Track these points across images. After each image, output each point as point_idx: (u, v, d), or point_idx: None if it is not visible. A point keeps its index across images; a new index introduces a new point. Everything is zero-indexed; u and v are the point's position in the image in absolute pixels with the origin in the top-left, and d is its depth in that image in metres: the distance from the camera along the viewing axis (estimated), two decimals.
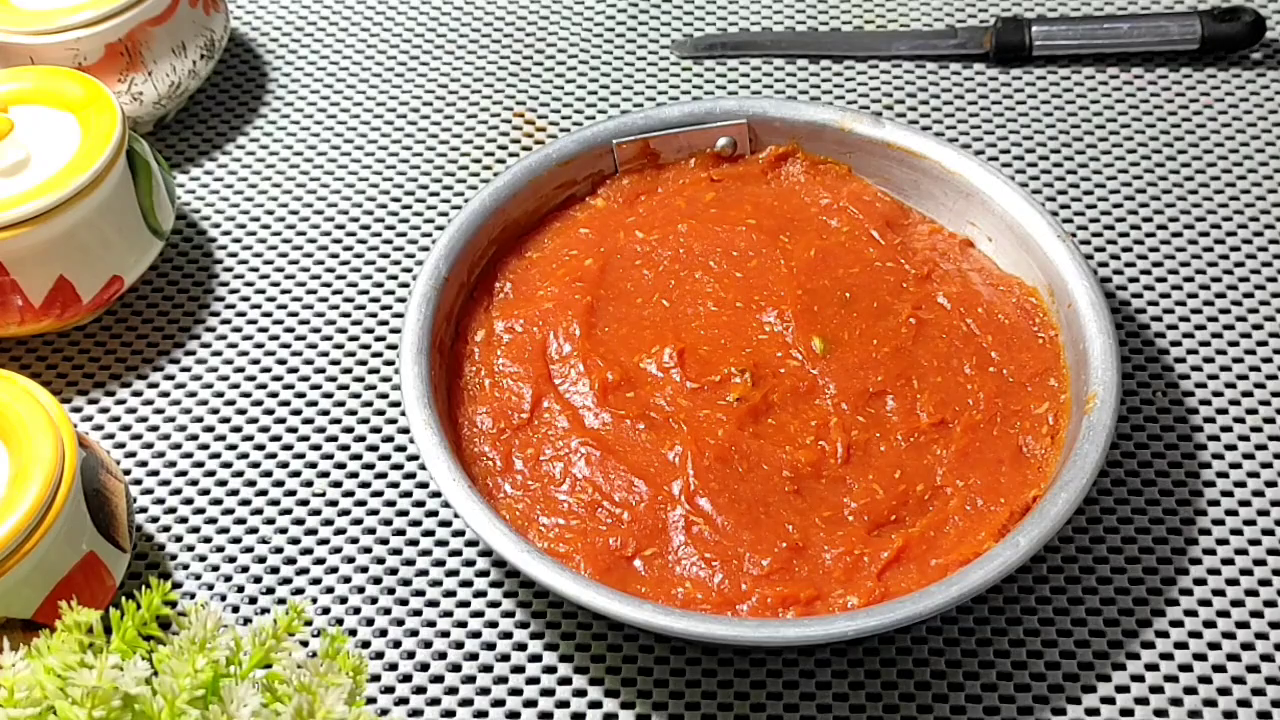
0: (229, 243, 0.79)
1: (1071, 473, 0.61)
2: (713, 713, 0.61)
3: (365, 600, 0.65)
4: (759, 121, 0.74)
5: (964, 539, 0.62)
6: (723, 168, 0.74)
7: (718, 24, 0.89)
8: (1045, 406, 0.66)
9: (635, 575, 0.61)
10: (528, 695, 0.62)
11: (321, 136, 0.84)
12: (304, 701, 0.48)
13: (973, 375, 0.67)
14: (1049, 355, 0.68)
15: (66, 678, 0.47)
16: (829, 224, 0.73)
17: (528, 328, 0.68)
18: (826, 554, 0.62)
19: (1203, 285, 0.75)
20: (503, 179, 0.71)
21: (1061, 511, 0.60)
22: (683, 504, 0.63)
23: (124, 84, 0.78)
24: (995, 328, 0.69)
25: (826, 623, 0.58)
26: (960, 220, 0.73)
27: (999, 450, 0.65)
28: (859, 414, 0.66)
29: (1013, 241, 0.70)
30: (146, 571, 0.66)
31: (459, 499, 0.61)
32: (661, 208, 0.73)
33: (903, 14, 0.89)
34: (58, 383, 0.73)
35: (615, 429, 0.65)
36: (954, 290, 0.70)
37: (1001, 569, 0.59)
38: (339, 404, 0.72)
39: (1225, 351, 0.72)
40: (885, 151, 0.73)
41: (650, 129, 0.73)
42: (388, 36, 0.89)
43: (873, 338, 0.68)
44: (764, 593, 0.60)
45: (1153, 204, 0.79)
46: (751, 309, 0.69)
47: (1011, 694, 0.61)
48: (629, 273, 0.71)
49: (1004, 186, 0.71)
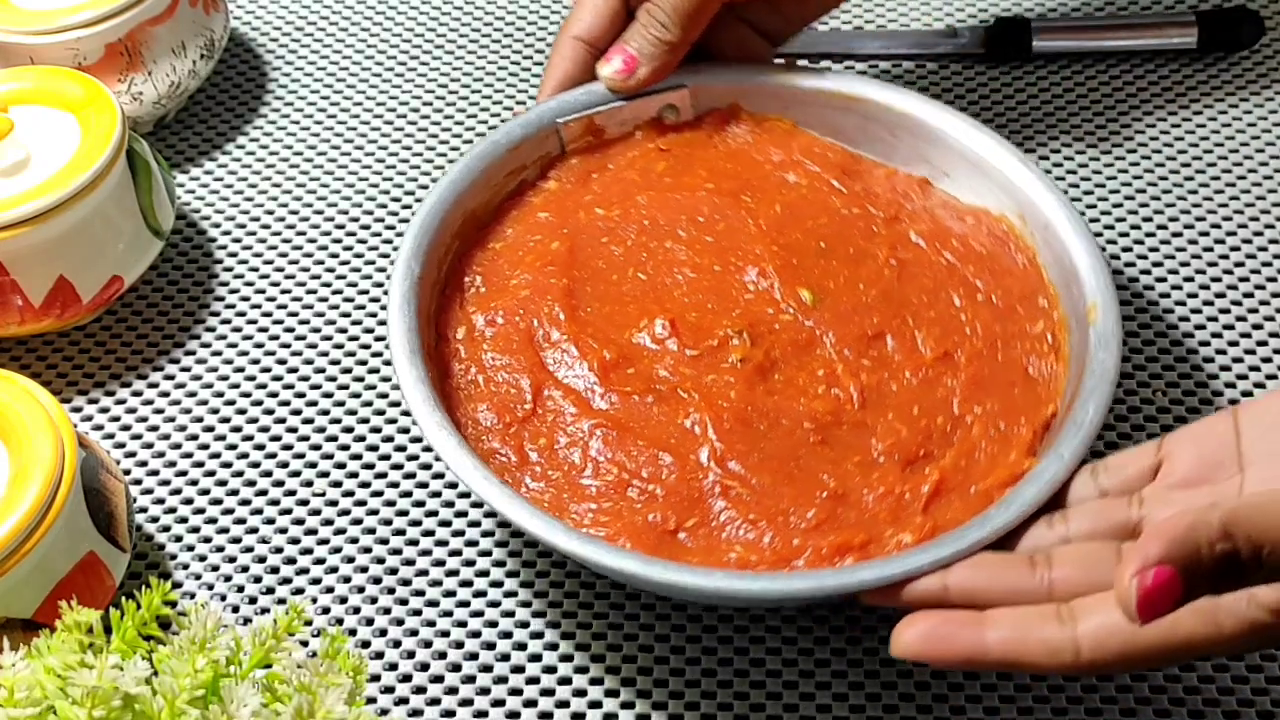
0: (229, 243, 0.79)
1: (1094, 381, 0.62)
2: (713, 713, 0.61)
3: (365, 600, 0.65)
4: (700, 85, 0.73)
5: (996, 462, 0.63)
6: (669, 136, 0.74)
7: None
8: (1040, 325, 0.67)
9: (683, 548, 0.60)
10: (528, 695, 0.62)
11: (321, 136, 0.84)
12: (304, 701, 0.48)
13: (964, 306, 0.68)
14: (1032, 276, 0.68)
15: (66, 678, 0.47)
16: (786, 179, 0.73)
17: (509, 318, 0.67)
18: (867, 497, 0.62)
19: (1203, 285, 0.75)
20: (456, 171, 0.69)
21: (1094, 419, 0.61)
22: (714, 470, 0.62)
23: (124, 84, 0.78)
24: (974, 258, 0.69)
25: (902, 559, 0.57)
26: (915, 160, 0.73)
27: (1007, 373, 0.65)
28: (863, 358, 0.66)
29: (971, 173, 0.71)
30: (146, 571, 0.66)
31: (500, 499, 0.59)
32: (616, 183, 0.72)
33: (903, 14, 0.89)
34: (58, 383, 0.73)
35: (625, 406, 0.64)
36: (924, 228, 0.71)
37: (1052, 482, 0.59)
38: (339, 404, 0.72)
39: (1225, 351, 0.72)
40: (828, 101, 0.73)
41: (594, 104, 0.72)
42: (388, 36, 0.89)
43: (858, 283, 0.68)
44: (816, 544, 0.60)
45: (1153, 204, 0.79)
46: (731, 270, 0.69)
47: (1011, 694, 0.61)
48: (598, 250, 0.70)
49: (956, 120, 0.71)
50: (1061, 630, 0.53)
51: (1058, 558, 0.56)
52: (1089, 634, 0.52)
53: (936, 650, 0.54)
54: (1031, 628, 0.53)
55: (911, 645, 0.54)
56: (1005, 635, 0.53)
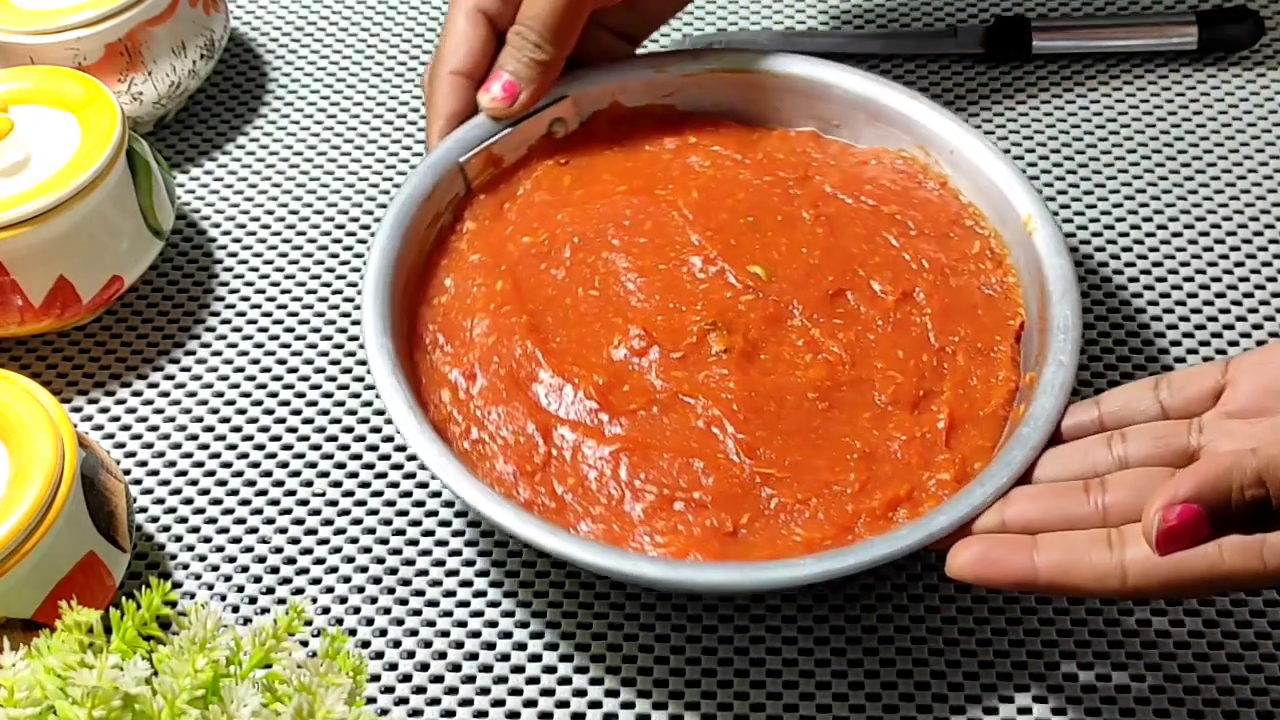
0: (229, 243, 0.79)
1: (1058, 287, 0.65)
2: (712, 713, 0.61)
3: (365, 600, 0.65)
4: (579, 93, 0.74)
5: (990, 384, 0.65)
6: (564, 150, 0.74)
7: (718, 23, 0.89)
8: (977, 245, 0.69)
9: (748, 544, 0.61)
10: (528, 695, 0.62)
11: (321, 136, 0.84)
12: (304, 701, 0.48)
13: (902, 244, 0.69)
14: (950, 201, 0.71)
15: (66, 678, 0.47)
16: (689, 163, 0.73)
17: (485, 370, 0.65)
18: (893, 447, 0.63)
19: (1203, 285, 0.75)
20: (384, 237, 0.67)
21: (1075, 321, 0.63)
22: (746, 462, 0.62)
23: (124, 84, 0.78)
24: (891, 196, 0.71)
25: (966, 496, 0.59)
26: (801, 117, 0.74)
27: (966, 297, 0.68)
28: (834, 318, 0.67)
29: (863, 119, 0.72)
30: (146, 571, 0.66)
31: (580, 551, 0.59)
32: (530, 207, 0.72)
33: (903, 14, 0.89)
34: (58, 383, 0.73)
35: (635, 425, 0.64)
36: (835, 179, 0.72)
37: (1063, 390, 0.61)
38: (339, 404, 0.72)
39: (1225, 351, 0.72)
40: (704, 80, 0.74)
41: (488, 135, 0.71)
42: (388, 36, 0.89)
43: (799, 247, 0.69)
44: (868, 506, 0.61)
45: (1153, 204, 0.79)
46: (676, 265, 0.69)
47: (1011, 694, 0.61)
48: (541, 279, 0.69)
49: (844, 73, 0.73)
50: (1110, 556, 0.55)
51: (1111, 483, 0.58)
52: (1136, 561, 0.54)
53: (988, 573, 0.56)
54: (1080, 553, 0.55)
55: (965, 568, 0.57)
56: (1055, 559, 0.55)
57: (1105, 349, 0.72)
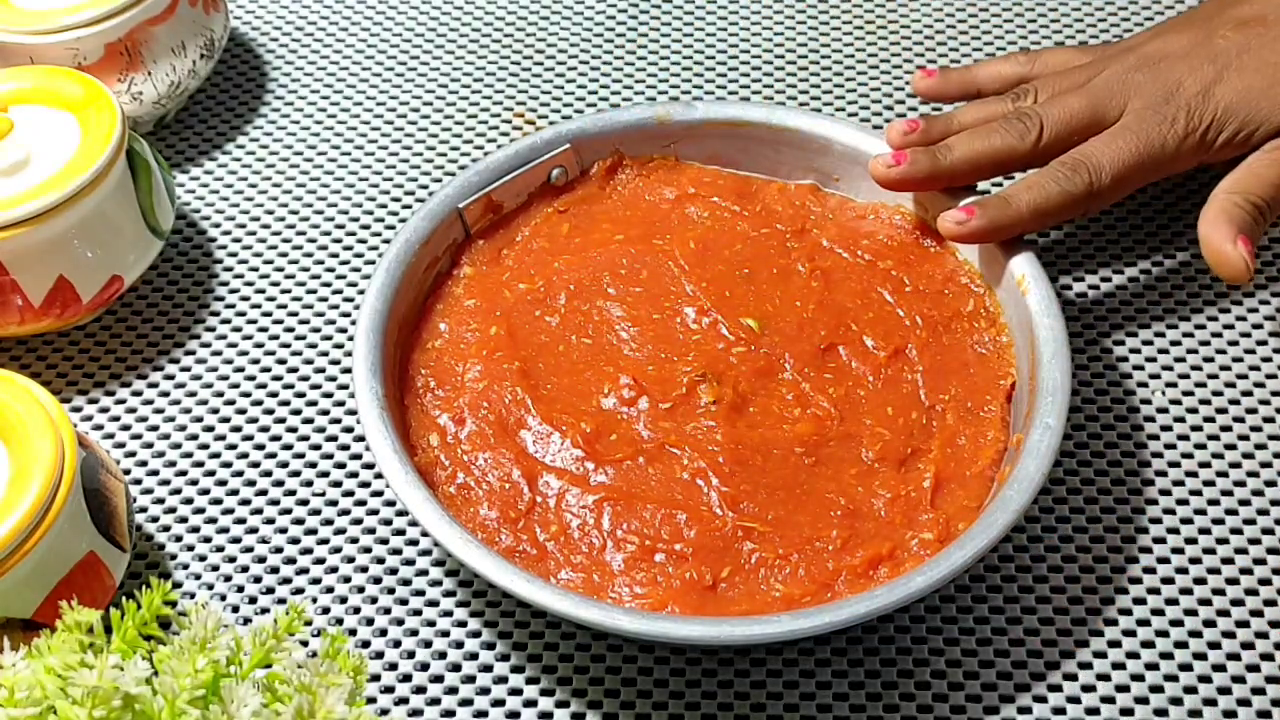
0: (229, 243, 0.79)
1: (1049, 348, 0.64)
2: (713, 713, 0.61)
3: (365, 600, 0.65)
4: (581, 141, 0.74)
5: (978, 444, 0.64)
6: (564, 197, 0.74)
7: (718, 23, 0.89)
8: (971, 304, 0.69)
9: (725, 598, 0.60)
10: (528, 695, 0.62)
11: (321, 136, 0.84)
12: (304, 701, 0.48)
13: (897, 300, 0.69)
14: (946, 259, 0.71)
15: (67, 678, 0.47)
16: (687, 214, 0.73)
17: (475, 414, 0.66)
18: (877, 505, 0.63)
19: (1203, 285, 0.75)
20: (380, 280, 0.67)
21: (1064, 384, 0.63)
22: (729, 515, 0.62)
23: (124, 84, 0.78)
24: (887, 251, 0.71)
25: (935, 565, 0.58)
26: (800, 170, 0.74)
27: (958, 355, 0.67)
28: (825, 372, 0.67)
29: (861, 174, 0.72)
30: (146, 571, 0.66)
31: (563, 603, 0.58)
32: (528, 254, 0.72)
33: (904, 22, 0.89)
34: (58, 383, 0.73)
35: (620, 474, 0.64)
36: (833, 233, 0.72)
37: (1049, 453, 0.61)
38: (339, 404, 0.72)
39: (1225, 351, 0.72)
40: (705, 131, 0.74)
41: (487, 182, 0.72)
42: (388, 36, 0.89)
43: (793, 300, 0.69)
44: (849, 564, 0.61)
45: (1153, 204, 0.79)
46: (669, 315, 0.69)
47: (1011, 694, 0.61)
48: (535, 325, 0.69)
49: (841, 126, 0.73)
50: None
51: None
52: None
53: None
54: None
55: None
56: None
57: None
